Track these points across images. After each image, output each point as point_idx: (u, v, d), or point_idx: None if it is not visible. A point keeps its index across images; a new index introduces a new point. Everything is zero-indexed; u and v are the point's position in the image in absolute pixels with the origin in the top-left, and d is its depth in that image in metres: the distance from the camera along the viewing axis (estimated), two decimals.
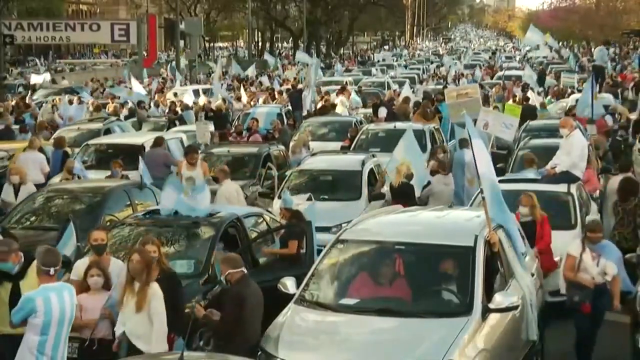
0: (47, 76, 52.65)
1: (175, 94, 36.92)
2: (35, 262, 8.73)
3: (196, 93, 37.57)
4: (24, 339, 8.24)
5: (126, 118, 28.56)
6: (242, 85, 41.51)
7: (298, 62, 61.27)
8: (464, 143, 17.08)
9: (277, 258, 12.19)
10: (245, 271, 9.21)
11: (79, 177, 17.01)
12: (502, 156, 19.58)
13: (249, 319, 8.90)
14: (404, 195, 15.54)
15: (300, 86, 37.72)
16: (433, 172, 17.05)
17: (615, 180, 14.95)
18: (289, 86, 40.03)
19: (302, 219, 12.46)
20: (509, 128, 19.94)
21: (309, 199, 15.03)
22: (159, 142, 19.43)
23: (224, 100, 31.44)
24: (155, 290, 8.97)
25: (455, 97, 23.77)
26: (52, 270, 8.29)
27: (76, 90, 42.08)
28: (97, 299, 9.31)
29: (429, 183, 16.82)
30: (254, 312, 9.00)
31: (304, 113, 29.52)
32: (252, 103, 33.77)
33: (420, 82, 49.62)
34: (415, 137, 18.41)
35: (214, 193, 14.29)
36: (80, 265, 9.91)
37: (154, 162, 17.96)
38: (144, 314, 8.87)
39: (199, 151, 18.20)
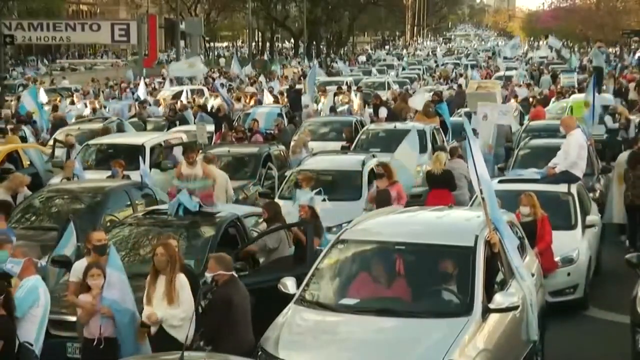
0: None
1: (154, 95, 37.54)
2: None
3: (184, 94, 37.67)
4: (22, 333, 8.11)
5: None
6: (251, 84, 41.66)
7: (299, 62, 61.45)
8: (454, 151, 17.90)
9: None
10: (236, 274, 9.20)
11: (77, 177, 16.99)
12: None
13: (238, 322, 8.91)
14: (445, 182, 16.09)
15: (298, 86, 37.76)
16: None
17: (623, 155, 17.49)
18: (287, 86, 40.13)
19: (318, 218, 12.55)
20: (505, 114, 22.08)
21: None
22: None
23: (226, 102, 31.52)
24: (182, 281, 9.17)
25: (475, 88, 26.45)
26: (40, 263, 8.38)
27: (75, 90, 42.16)
28: (99, 299, 9.31)
29: None
30: (244, 316, 9.02)
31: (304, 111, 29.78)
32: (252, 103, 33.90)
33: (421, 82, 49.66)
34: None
35: None
36: (79, 266, 9.90)
37: None
38: (176, 305, 9.09)
39: (199, 151, 18.20)
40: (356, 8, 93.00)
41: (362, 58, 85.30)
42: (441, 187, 16.08)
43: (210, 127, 24.29)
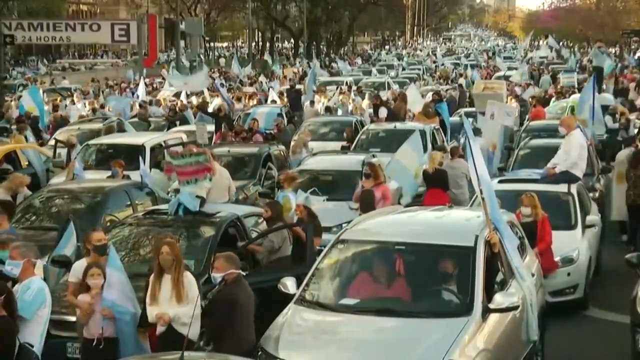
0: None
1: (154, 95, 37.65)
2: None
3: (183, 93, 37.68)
4: (26, 334, 8.12)
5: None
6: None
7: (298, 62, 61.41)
8: (455, 151, 17.96)
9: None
10: (243, 273, 9.22)
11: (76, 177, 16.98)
12: None
13: (240, 321, 8.91)
14: (440, 181, 16.30)
15: (298, 86, 37.81)
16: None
17: (622, 153, 17.81)
18: (288, 86, 40.15)
19: (316, 218, 12.56)
20: (509, 115, 22.73)
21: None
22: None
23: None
24: (190, 279, 9.23)
25: (482, 89, 27.45)
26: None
27: (75, 89, 42.10)
28: (98, 299, 9.30)
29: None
30: (247, 316, 9.01)
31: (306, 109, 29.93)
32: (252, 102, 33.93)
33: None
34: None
35: None
36: (79, 266, 9.90)
37: None
38: (185, 303, 9.08)
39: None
40: (356, 8, 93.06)
41: (358, 61, 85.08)
42: (436, 187, 16.28)
43: (210, 127, 24.27)
